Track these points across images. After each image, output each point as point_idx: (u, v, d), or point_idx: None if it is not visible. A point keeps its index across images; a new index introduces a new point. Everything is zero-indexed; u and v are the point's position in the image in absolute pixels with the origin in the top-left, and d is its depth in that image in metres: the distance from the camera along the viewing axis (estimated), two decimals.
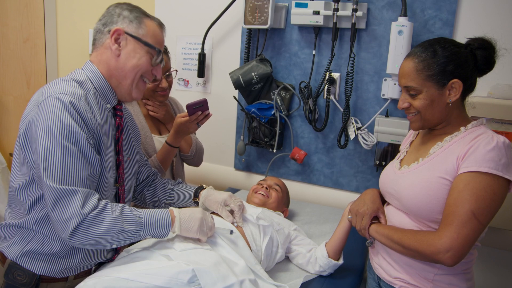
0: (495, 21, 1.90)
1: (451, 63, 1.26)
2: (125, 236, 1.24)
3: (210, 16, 2.46)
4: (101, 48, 1.34)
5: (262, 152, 2.53)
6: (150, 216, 1.29)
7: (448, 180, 1.24)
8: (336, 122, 2.28)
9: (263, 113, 2.35)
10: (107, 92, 1.36)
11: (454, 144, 1.28)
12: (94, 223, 1.18)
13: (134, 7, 1.38)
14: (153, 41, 1.36)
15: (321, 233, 1.95)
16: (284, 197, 2.00)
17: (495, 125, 1.80)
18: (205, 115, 1.78)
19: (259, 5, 2.25)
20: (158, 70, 1.41)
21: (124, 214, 1.25)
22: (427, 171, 1.29)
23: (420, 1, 2.01)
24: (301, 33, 2.30)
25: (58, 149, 1.16)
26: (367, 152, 2.23)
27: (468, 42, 1.31)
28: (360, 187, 2.29)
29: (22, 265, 1.29)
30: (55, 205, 1.16)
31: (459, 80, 1.25)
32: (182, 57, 2.68)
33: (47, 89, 1.23)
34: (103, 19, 1.35)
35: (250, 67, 2.30)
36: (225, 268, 1.27)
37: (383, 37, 2.11)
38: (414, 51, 1.32)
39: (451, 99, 1.27)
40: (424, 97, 1.29)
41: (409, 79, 1.30)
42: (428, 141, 1.39)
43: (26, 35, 2.51)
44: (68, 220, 1.15)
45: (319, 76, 2.28)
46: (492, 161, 1.17)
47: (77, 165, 1.19)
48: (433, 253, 1.19)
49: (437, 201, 1.25)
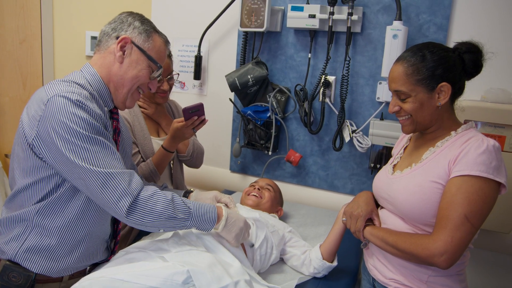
0: (489, 26, 1.92)
1: (439, 67, 1.28)
2: (174, 222, 1.28)
3: (207, 19, 2.47)
4: (105, 52, 1.36)
5: (257, 154, 2.54)
6: (198, 208, 1.34)
7: (441, 184, 1.25)
8: (331, 124, 2.30)
9: (259, 115, 2.36)
10: (105, 96, 1.37)
11: (446, 149, 1.30)
12: (150, 203, 1.24)
13: (146, 19, 1.41)
14: (157, 57, 1.39)
15: (316, 235, 1.96)
16: (277, 196, 2.02)
17: (488, 128, 1.82)
18: (201, 121, 1.79)
19: (256, 8, 2.26)
20: (154, 84, 1.44)
21: (175, 201, 1.29)
22: (420, 176, 1.31)
23: (415, 6, 2.03)
24: (297, 36, 2.32)
25: (82, 140, 1.18)
26: (362, 155, 2.24)
27: (456, 46, 1.34)
28: (355, 189, 2.30)
29: (20, 263, 1.28)
30: (103, 189, 1.19)
31: (447, 84, 1.27)
32: (178, 60, 2.69)
33: (50, 89, 1.23)
34: (113, 24, 1.37)
35: (246, 70, 2.32)
36: (220, 269, 1.28)
37: (378, 41, 2.12)
38: (403, 56, 1.34)
39: (440, 102, 1.29)
40: (413, 100, 1.31)
41: (399, 84, 1.32)
42: (421, 146, 1.41)
43: (23, 37, 2.51)
44: (120, 199, 1.20)
45: (314, 79, 2.29)
46: (483, 165, 1.19)
47: (108, 150, 1.23)
48: (428, 256, 1.20)
49: (431, 205, 1.26)
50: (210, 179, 2.69)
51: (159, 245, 1.39)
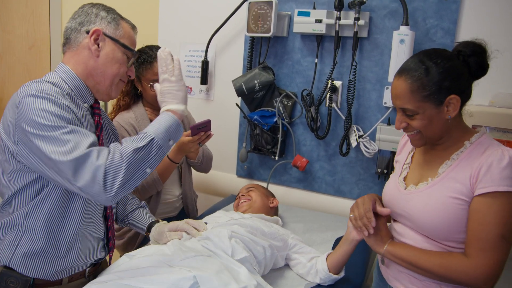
0: (497, 30, 1.90)
1: (446, 79, 1.21)
2: (147, 154, 1.18)
3: (214, 24, 2.48)
4: (78, 48, 1.33)
5: (264, 160, 2.54)
6: (151, 126, 1.24)
7: (463, 200, 1.21)
8: (338, 130, 2.29)
9: (266, 120, 2.37)
10: (83, 91, 1.34)
11: (463, 161, 1.25)
12: (115, 165, 1.14)
13: (110, 8, 1.39)
14: (129, 43, 1.38)
15: (323, 241, 1.95)
16: (263, 190, 2.06)
17: (496, 133, 1.80)
18: (207, 135, 1.81)
19: (262, 14, 2.27)
20: (132, 70, 1.43)
21: (130, 140, 1.20)
22: (439, 192, 1.26)
23: (421, 10, 2.02)
24: (303, 41, 2.32)
25: (53, 131, 1.14)
26: (369, 160, 2.23)
27: (459, 48, 1.27)
28: (362, 194, 2.26)
29: (15, 269, 1.27)
30: (75, 174, 1.12)
31: (456, 96, 1.21)
32: (185, 64, 2.70)
33: (21, 91, 1.22)
34: (78, 18, 1.34)
35: (253, 75, 2.32)
36: (227, 275, 1.28)
37: (385, 45, 2.12)
38: (405, 69, 1.26)
39: (450, 115, 1.24)
40: (422, 117, 1.24)
41: (405, 101, 1.25)
42: (433, 158, 1.35)
43: (32, 42, 2.54)
44: (93, 179, 1.12)
45: (321, 84, 2.29)
46: (509, 179, 1.15)
47: (80, 134, 1.17)
48: (470, 282, 1.18)
49: (455, 222, 1.22)
50: (217, 184, 2.69)
51: (165, 251, 1.39)
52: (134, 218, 1.63)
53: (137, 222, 1.62)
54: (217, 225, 1.63)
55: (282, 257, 1.67)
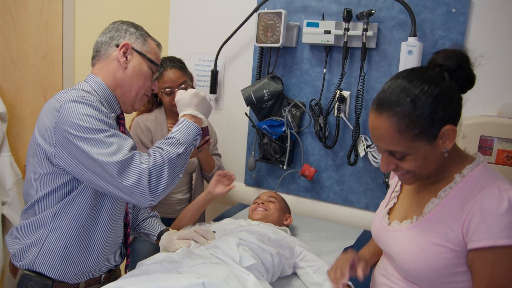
0: (504, 41, 1.91)
1: (438, 109, 1.02)
2: (183, 160, 1.32)
3: (223, 34, 2.52)
4: (107, 60, 1.41)
5: (272, 169, 2.55)
6: (185, 132, 1.38)
7: (448, 248, 1.05)
8: (346, 139, 2.30)
9: (274, 129, 2.38)
10: (112, 101, 1.42)
11: (451, 200, 1.08)
12: (158, 169, 1.23)
13: (138, 25, 1.48)
14: (155, 58, 1.47)
15: (330, 250, 1.95)
16: (282, 205, 2.05)
17: (505, 144, 1.80)
18: (205, 141, 1.83)
19: (271, 24, 2.30)
20: (155, 85, 1.52)
21: (168, 145, 1.31)
22: (422, 235, 1.10)
23: (429, 22, 2.04)
24: (312, 51, 2.34)
25: (97, 134, 1.21)
26: (377, 169, 2.24)
27: (439, 62, 1.10)
28: (370, 204, 2.29)
29: (38, 269, 1.31)
30: (121, 175, 1.19)
31: (452, 126, 1.04)
32: (195, 74, 2.73)
33: (60, 97, 1.28)
34: (109, 33, 1.43)
35: (262, 85, 2.34)
36: (235, 282, 1.28)
37: (393, 56, 2.13)
38: (385, 103, 1.05)
39: (446, 147, 1.06)
40: (415, 158, 1.06)
41: (392, 143, 1.06)
42: (422, 191, 1.19)
43: (45, 51, 2.59)
44: (138, 181, 1.19)
45: (329, 94, 2.31)
46: (509, 229, 0.96)
47: (121, 138, 1.25)
48: None
49: (436, 272, 1.07)
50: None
51: (174, 258, 1.40)
52: (146, 227, 1.68)
53: (148, 231, 1.67)
54: (225, 232, 1.65)
55: (290, 265, 1.67)
